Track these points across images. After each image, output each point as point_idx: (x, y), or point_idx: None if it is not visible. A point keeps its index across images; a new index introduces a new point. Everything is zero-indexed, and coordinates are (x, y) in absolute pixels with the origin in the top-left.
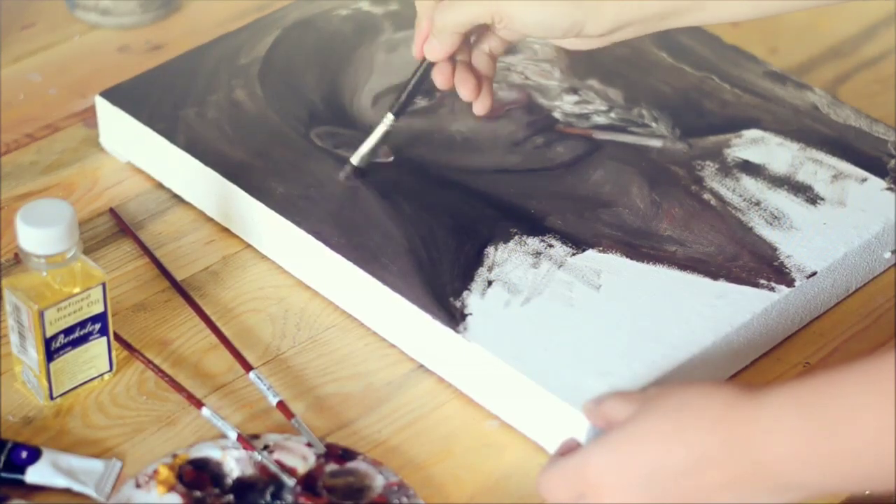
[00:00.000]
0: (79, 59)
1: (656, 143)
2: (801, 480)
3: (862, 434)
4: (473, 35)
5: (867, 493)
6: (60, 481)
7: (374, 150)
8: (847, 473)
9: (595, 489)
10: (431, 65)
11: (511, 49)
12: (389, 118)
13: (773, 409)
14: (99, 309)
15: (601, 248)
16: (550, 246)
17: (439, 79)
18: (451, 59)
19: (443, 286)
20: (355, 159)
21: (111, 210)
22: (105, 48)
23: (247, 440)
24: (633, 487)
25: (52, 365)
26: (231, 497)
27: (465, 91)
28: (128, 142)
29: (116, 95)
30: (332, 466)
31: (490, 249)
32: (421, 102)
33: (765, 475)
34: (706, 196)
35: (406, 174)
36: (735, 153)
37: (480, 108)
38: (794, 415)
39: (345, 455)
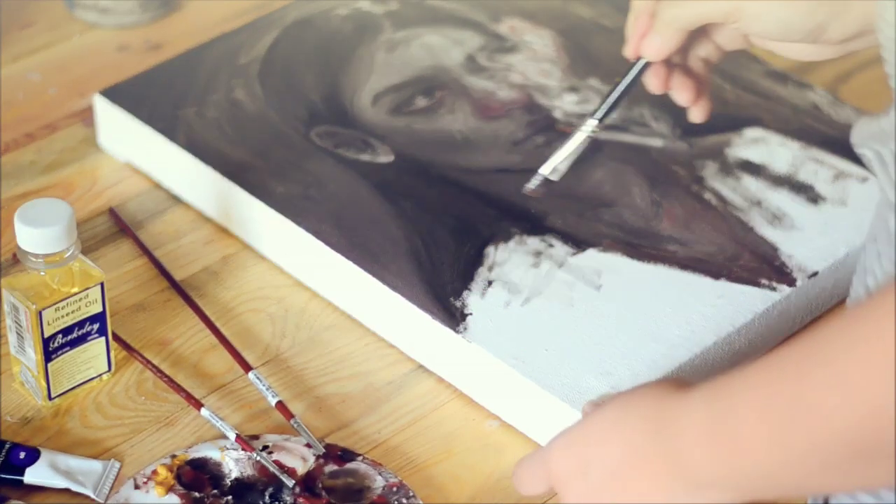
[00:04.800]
0: (78, 59)
1: (657, 142)
2: (711, 477)
3: (749, 429)
4: (693, 37)
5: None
6: (59, 482)
7: (568, 162)
8: (748, 473)
9: (559, 483)
10: (646, 65)
11: (722, 55)
12: (592, 123)
13: (690, 403)
14: (97, 309)
15: (602, 248)
16: (551, 246)
17: (655, 81)
18: (667, 61)
19: (443, 286)
20: (546, 170)
21: (110, 210)
22: (104, 48)
23: (246, 441)
24: (584, 484)
25: (50, 365)
26: (230, 498)
27: (685, 95)
28: (127, 141)
29: (116, 95)
30: (331, 467)
31: (490, 249)
32: (421, 102)
33: (680, 471)
34: (707, 196)
35: (406, 174)
36: (736, 152)
37: (700, 114)
38: (701, 409)
39: (344, 456)
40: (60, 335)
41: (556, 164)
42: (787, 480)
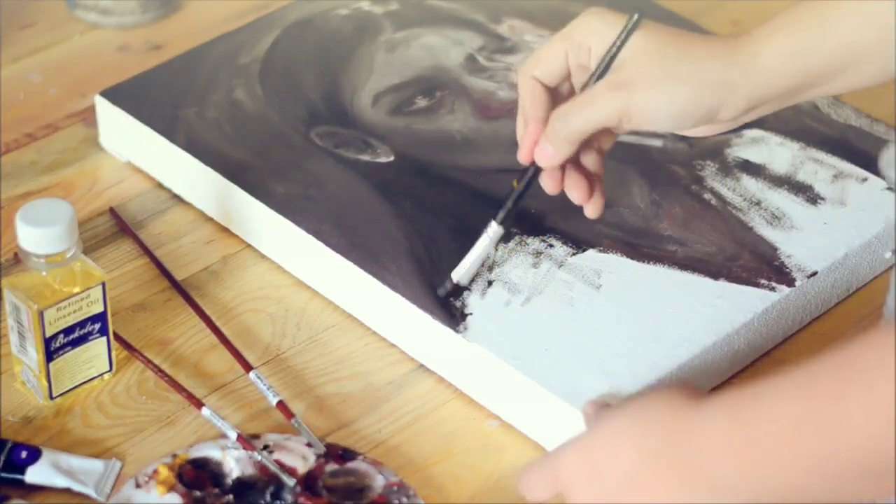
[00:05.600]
0: (79, 59)
1: (657, 142)
2: (729, 483)
3: (773, 439)
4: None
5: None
6: (60, 481)
7: (476, 267)
8: (768, 479)
9: (567, 489)
10: (539, 170)
11: (614, 139)
12: (495, 228)
13: (708, 412)
14: (99, 309)
15: (601, 248)
16: (551, 246)
17: (550, 185)
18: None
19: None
20: (456, 275)
21: (111, 210)
22: (105, 48)
23: (247, 440)
24: (594, 488)
25: (51, 365)
26: (231, 497)
27: (578, 195)
28: (128, 141)
29: (116, 95)
30: (332, 466)
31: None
32: (421, 102)
33: (696, 475)
34: (706, 196)
35: (406, 174)
36: (735, 153)
37: (593, 211)
38: (722, 418)
39: (345, 455)
40: (62, 335)
41: (464, 270)
42: (805, 489)
